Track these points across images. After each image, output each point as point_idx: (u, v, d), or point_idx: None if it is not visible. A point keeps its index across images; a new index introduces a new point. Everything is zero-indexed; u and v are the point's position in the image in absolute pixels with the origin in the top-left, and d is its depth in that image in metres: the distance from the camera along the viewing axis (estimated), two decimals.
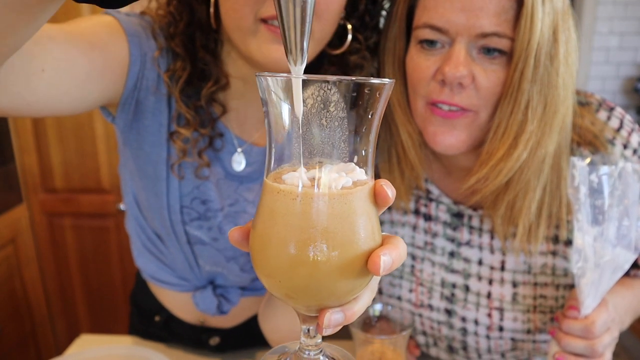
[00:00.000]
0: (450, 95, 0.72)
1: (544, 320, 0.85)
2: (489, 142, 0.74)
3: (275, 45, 0.68)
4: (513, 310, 0.86)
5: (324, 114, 0.38)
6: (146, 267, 0.95)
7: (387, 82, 0.38)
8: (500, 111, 0.72)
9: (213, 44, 0.79)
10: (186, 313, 0.98)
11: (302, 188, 0.38)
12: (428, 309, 0.92)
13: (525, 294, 0.86)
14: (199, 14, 0.76)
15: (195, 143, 0.80)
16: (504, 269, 0.87)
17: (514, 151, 0.73)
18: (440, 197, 0.90)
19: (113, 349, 0.88)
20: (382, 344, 0.84)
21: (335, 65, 0.82)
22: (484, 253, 0.88)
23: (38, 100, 0.61)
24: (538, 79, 0.69)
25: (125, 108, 0.78)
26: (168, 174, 0.83)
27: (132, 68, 0.75)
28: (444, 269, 0.90)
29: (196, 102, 0.79)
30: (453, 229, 0.90)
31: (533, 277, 0.86)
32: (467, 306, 0.89)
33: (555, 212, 0.81)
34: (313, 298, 0.40)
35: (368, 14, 0.81)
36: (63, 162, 2.08)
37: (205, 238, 0.86)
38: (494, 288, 0.87)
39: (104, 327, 2.27)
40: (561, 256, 0.85)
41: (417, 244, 0.93)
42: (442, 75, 0.71)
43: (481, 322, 0.88)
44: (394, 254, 0.39)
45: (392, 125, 0.85)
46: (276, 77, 0.37)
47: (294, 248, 0.38)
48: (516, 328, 0.86)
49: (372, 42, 0.82)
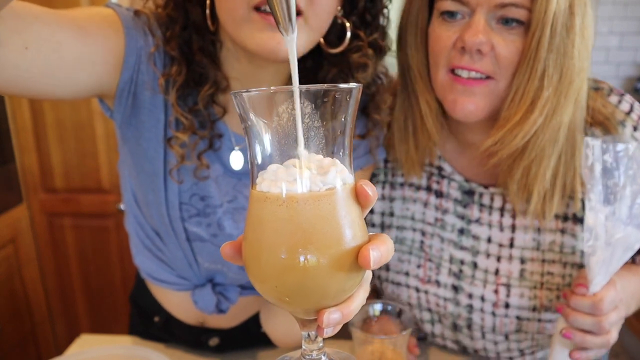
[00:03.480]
0: (470, 61, 0.76)
1: (550, 298, 0.87)
2: (506, 107, 0.78)
3: (268, 33, 0.68)
4: (520, 286, 0.88)
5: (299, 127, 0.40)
6: (145, 265, 0.95)
7: (355, 86, 0.40)
8: (518, 78, 0.75)
9: (211, 46, 0.79)
10: (185, 313, 0.98)
11: (287, 193, 0.39)
12: (435, 285, 0.93)
13: (533, 270, 0.88)
14: (194, 16, 0.76)
15: (194, 146, 0.80)
16: (513, 246, 0.89)
17: (530, 115, 0.76)
18: (453, 175, 0.93)
19: (113, 349, 0.88)
20: (382, 343, 0.84)
21: (337, 67, 0.81)
22: (494, 231, 0.90)
23: (21, 76, 0.62)
24: (554, 48, 0.73)
25: (121, 101, 0.78)
26: (165, 171, 0.83)
27: (127, 60, 0.74)
28: (452, 245, 0.92)
29: (194, 105, 0.79)
30: (464, 206, 0.92)
31: (541, 253, 0.88)
32: (475, 282, 0.91)
33: (569, 182, 0.84)
34: (308, 300, 0.41)
35: (368, 12, 0.80)
36: (63, 162, 2.09)
37: (204, 234, 0.86)
38: (502, 265, 0.89)
39: (104, 327, 2.27)
40: (570, 234, 0.87)
41: (428, 220, 0.95)
42: (462, 43, 0.75)
43: (487, 299, 0.90)
44: (382, 248, 0.40)
45: (412, 95, 0.87)
46: (251, 93, 0.39)
47: (284, 252, 0.39)
48: (522, 305, 0.88)
49: (374, 40, 0.81)
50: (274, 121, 0.40)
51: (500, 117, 0.79)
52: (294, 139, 0.40)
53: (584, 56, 0.76)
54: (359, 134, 0.88)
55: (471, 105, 0.78)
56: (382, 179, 0.99)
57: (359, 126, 0.89)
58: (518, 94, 0.76)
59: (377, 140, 0.91)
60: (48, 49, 0.63)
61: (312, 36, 0.73)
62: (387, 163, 0.99)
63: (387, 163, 0.99)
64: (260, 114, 0.40)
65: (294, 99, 0.39)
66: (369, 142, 0.90)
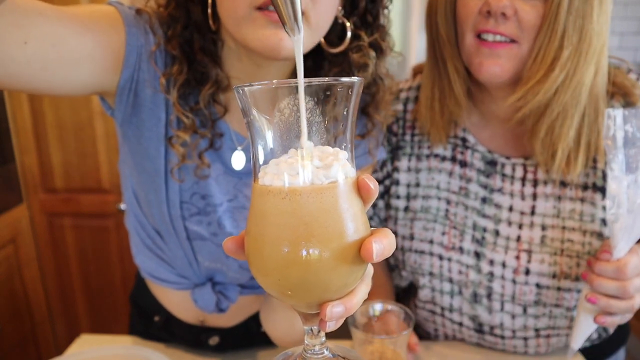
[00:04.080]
0: (495, 25, 0.81)
1: (569, 265, 0.90)
2: (529, 67, 0.82)
3: (271, 30, 0.68)
4: (541, 252, 0.91)
5: (302, 122, 0.40)
6: (145, 264, 0.95)
7: (356, 79, 0.40)
8: (539, 40, 0.80)
9: (212, 45, 0.79)
10: (185, 312, 0.98)
11: (289, 186, 0.39)
12: (458, 252, 0.97)
13: (553, 237, 0.91)
14: (195, 15, 0.76)
15: (195, 145, 0.80)
16: (534, 213, 0.93)
17: (551, 73, 0.80)
18: (476, 146, 0.97)
19: (113, 349, 0.88)
20: (382, 343, 0.84)
21: (338, 67, 0.82)
22: (515, 200, 0.94)
23: (19, 71, 0.62)
24: (574, 10, 0.78)
25: (122, 99, 0.77)
26: (166, 170, 0.83)
27: (128, 58, 0.74)
28: (476, 213, 0.96)
29: (195, 104, 0.79)
30: (486, 176, 0.97)
31: (562, 221, 0.91)
32: (496, 249, 0.94)
33: (594, 141, 0.87)
34: (311, 293, 0.41)
35: (369, 12, 0.80)
36: (63, 162, 2.09)
37: (204, 233, 0.86)
38: (524, 232, 0.93)
39: (104, 327, 2.27)
40: (589, 202, 0.91)
41: (452, 189, 0.99)
42: (488, 7, 0.80)
43: (508, 265, 0.93)
44: (385, 241, 0.41)
45: (440, 62, 0.92)
46: (254, 87, 0.39)
47: (287, 245, 0.39)
48: (542, 271, 0.91)
49: (374, 40, 0.82)
50: (276, 115, 0.40)
51: (523, 76, 0.83)
52: (296, 133, 0.40)
53: (603, 20, 0.80)
54: (358, 134, 0.88)
55: (496, 67, 0.83)
56: (408, 152, 1.03)
57: (359, 126, 0.89)
58: (540, 54, 0.80)
59: (376, 140, 0.91)
60: (47, 44, 0.63)
61: (314, 36, 0.73)
62: (414, 136, 1.03)
63: (413, 137, 1.03)
64: (262, 108, 0.40)
65: (298, 93, 0.39)
66: (369, 142, 0.90)
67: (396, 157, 1.04)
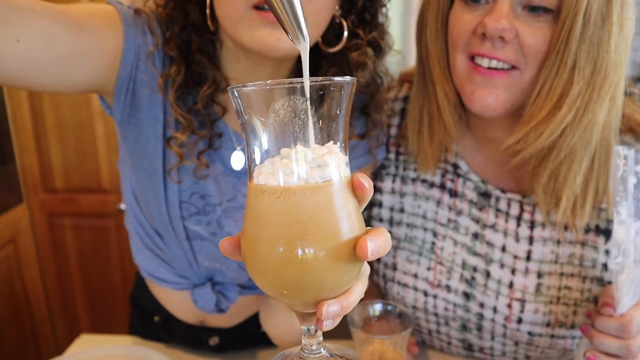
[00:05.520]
0: (491, 49, 0.69)
1: (566, 313, 0.83)
2: (532, 102, 0.71)
3: (267, 30, 0.68)
4: (535, 301, 0.83)
5: (296, 122, 0.40)
6: (145, 264, 0.95)
7: (349, 79, 0.40)
8: (545, 70, 0.69)
9: (210, 46, 0.79)
10: (185, 312, 0.98)
11: (284, 185, 0.39)
12: (445, 290, 0.89)
13: (550, 284, 0.83)
14: (194, 16, 0.76)
15: (194, 146, 0.80)
16: (530, 259, 0.84)
17: (558, 112, 0.69)
18: (469, 174, 0.88)
19: (113, 349, 0.88)
20: (382, 343, 0.84)
21: (336, 66, 0.82)
22: (509, 240, 0.85)
23: (10, 67, 0.62)
24: (587, 38, 0.66)
25: (120, 98, 0.77)
26: (164, 170, 0.83)
27: (125, 57, 0.74)
28: (466, 250, 0.87)
29: (193, 105, 0.79)
30: (479, 209, 0.87)
31: (560, 266, 0.83)
32: (487, 292, 0.86)
33: (602, 189, 0.78)
34: (307, 292, 0.41)
35: (367, 11, 0.80)
36: (63, 162, 2.09)
37: (204, 233, 0.86)
38: (517, 278, 0.85)
39: (104, 327, 2.27)
40: (591, 246, 0.82)
41: (440, 220, 0.89)
42: (483, 28, 0.68)
43: (500, 311, 0.86)
44: (380, 240, 0.40)
45: (429, 84, 0.81)
46: (247, 88, 0.40)
47: (282, 245, 0.39)
48: (536, 320, 0.84)
49: (372, 38, 0.81)
50: (271, 116, 0.40)
51: (525, 113, 0.72)
52: (291, 133, 0.40)
53: (622, 49, 0.68)
54: (358, 134, 0.88)
55: (491, 98, 0.72)
56: (392, 172, 0.94)
57: (358, 126, 0.89)
58: (545, 87, 0.69)
59: (377, 140, 0.91)
60: (40, 42, 0.62)
61: (312, 35, 0.73)
62: (399, 155, 0.94)
63: (398, 155, 0.94)
64: (256, 109, 0.40)
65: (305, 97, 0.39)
66: (369, 141, 0.90)
67: (379, 177, 0.95)
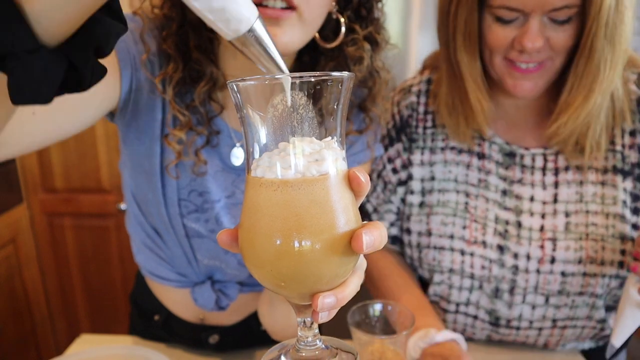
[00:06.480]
0: (528, 58, 0.83)
1: (595, 248, 0.90)
2: (567, 93, 0.85)
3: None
4: (566, 239, 0.91)
5: (295, 109, 0.40)
6: (145, 263, 0.95)
7: (346, 75, 0.41)
8: (576, 68, 0.83)
9: (208, 43, 0.79)
10: (185, 311, 0.98)
11: (281, 178, 0.40)
12: (481, 246, 0.94)
13: (577, 222, 0.91)
14: (191, 14, 0.76)
15: (192, 143, 0.80)
16: (557, 201, 0.93)
17: (591, 96, 0.83)
18: (493, 137, 0.97)
19: (113, 349, 0.88)
20: (382, 344, 0.84)
21: (334, 61, 0.82)
22: (536, 190, 0.94)
23: (35, 139, 0.64)
24: (609, 31, 0.79)
25: (123, 111, 0.79)
26: (162, 168, 0.83)
27: (124, 74, 0.75)
28: (497, 206, 0.95)
29: (191, 102, 0.79)
30: (505, 168, 0.96)
31: (585, 205, 0.92)
32: (520, 241, 0.93)
33: (610, 122, 0.90)
34: (303, 285, 0.42)
35: (363, 6, 0.81)
36: (63, 162, 2.08)
37: (202, 230, 0.86)
38: (547, 221, 0.93)
39: (104, 327, 2.28)
40: (610, 185, 0.92)
41: (471, 181, 0.97)
42: (521, 47, 0.81)
43: (533, 256, 0.92)
44: (375, 233, 0.41)
45: (461, 83, 0.91)
46: (246, 82, 0.40)
47: (279, 237, 0.40)
48: (568, 258, 0.90)
49: (369, 33, 0.82)
50: (269, 110, 0.41)
51: (561, 101, 0.86)
52: (289, 127, 0.41)
53: (630, 24, 0.82)
54: (357, 129, 0.89)
55: (530, 87, 0.86)
56: (421, 145, 1.01)
57: (356, 121, 0.89)
58: (577, 80, 0.83)
59: (374, 134, 0.91)
60: (52, 109, 0.63)
61: (307, 31, 0.74)
62: (426, 130, 1.01)
63: (425, 130, 1.01)
64: (254, 103, 0.41)
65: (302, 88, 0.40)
66: (367, 136, 0.90)
67: (410, 150, 1.02)
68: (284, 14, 0.67)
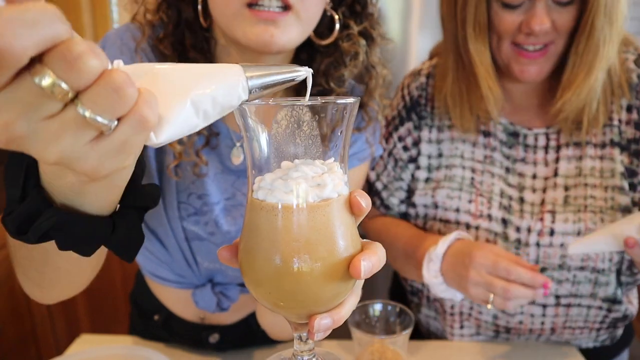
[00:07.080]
0: (535, 40, 0.88)
1: (593, 220, 0.93)
2: (569, 71, 0.90)
3: (260, 26, 0.69)
4: (565, 212, 0.94)
5: (298, 133, 0.41)
6: (145, 264, 0.96)
7: (352, 100, 0.41)
8: (577, 47, 0.88)
9: (204, 43, 0.79)
10: (185, 310, 0.98)
11: (282, 204, 0.40)
12: (487, 219, 0.98)
13: (576, 195, 0.95)
14: (186, 14, 0.77)
15: (192, 143, 0.80)
16: (557, 175, 0.97)
17: (592, 73, 0.88)
18: (498, 117, 1.01)
19: (113, 349, 0.88)
20: (382, 344, 0.84)
21: (330, 57, 0.83)
22: (539, 167, 0.99)
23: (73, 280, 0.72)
24: (607, 11, 0.84)
25: None
26: (160, 172, 0.83)
27: None
28: (502, 181, 1.00)
29: None
30: (509, 147, 1.01)
31: (584, 178, 0.95)
32: (523, 215, 0.97)
33: (608, 97, 0.94)
34: (301, 306, 0.42)
35: (357, 2, 0.81)
36: None
37: (202, 233, 0.86)
38: (547, 194, 0.97)
39: (104, 327, 2.28)
40: (608, 159, 0.95)
41: (477, 158, 1.02)
42: (529, 29, 0.85)
43: (533, 229, 0.95)
44: (374, 259, 0.42)
45: (470, 77, 0.95)
46: (251, 105, 0.40)
47: (279, 261, 0.40)
48: (567, 230, 0.93)
49: (364, 28, 0.82)
50: (273, 128, 0.41)
51: (564, 79, 0.90)
52: (292, 148, 0.41)
53: (624, 5, 0.87)
54: (356, 127, 0.89)
55: (536, 71, 0.90)
56: (429, 123, 1.05)
57: (355, 119, 0.89)
58: (578, 58, 0.88)
59: (373, 131, 0.92)
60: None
61: (304, 29, 0.74)
62: (434, 109, 1.05)
63: (433, 109, 1.05)
64: (258, 123, 0.41)
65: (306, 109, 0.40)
66: (366, 134, 0.90)
67: (419, 128, 1.06)
68: (280, 15, 0.68)
